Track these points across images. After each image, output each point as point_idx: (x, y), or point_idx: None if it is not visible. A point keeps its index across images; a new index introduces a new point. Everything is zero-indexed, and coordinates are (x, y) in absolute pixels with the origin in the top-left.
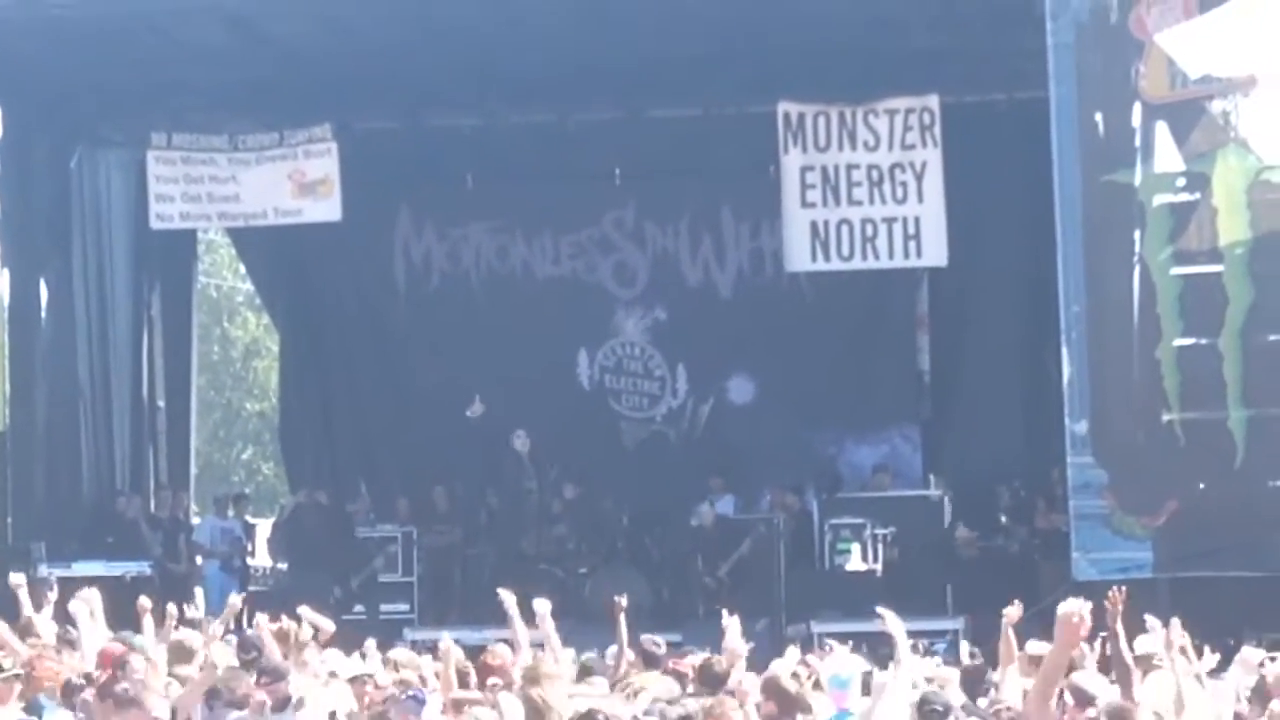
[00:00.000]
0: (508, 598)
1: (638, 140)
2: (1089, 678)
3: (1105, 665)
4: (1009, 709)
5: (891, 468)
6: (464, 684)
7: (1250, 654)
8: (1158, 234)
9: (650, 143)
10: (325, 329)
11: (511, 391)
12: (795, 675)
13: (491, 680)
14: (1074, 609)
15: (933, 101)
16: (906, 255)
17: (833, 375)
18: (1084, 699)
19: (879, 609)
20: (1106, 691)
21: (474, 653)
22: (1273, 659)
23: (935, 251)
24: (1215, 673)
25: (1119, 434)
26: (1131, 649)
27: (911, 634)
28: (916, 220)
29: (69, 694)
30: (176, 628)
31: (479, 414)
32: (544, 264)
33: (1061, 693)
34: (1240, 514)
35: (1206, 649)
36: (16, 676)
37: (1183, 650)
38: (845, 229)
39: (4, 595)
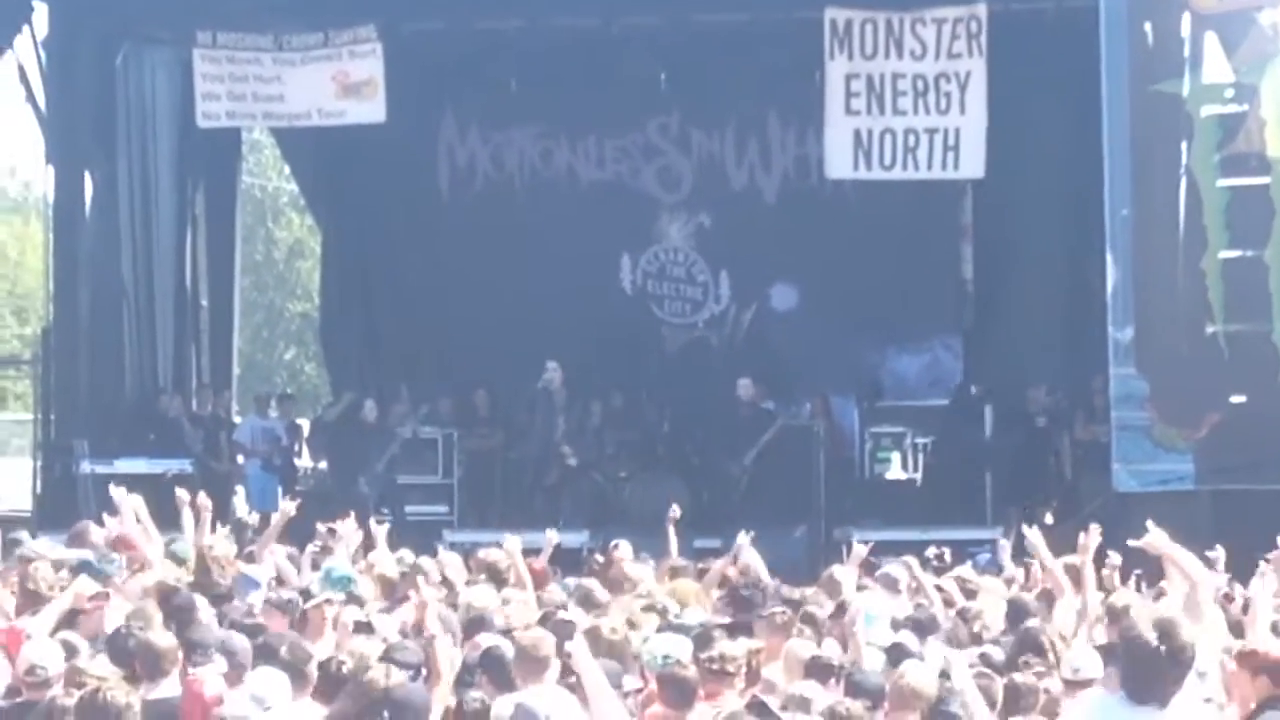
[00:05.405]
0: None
1: (683, 45)
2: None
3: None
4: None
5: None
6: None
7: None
8: (1205, 145)
9: (696, 48)
10: (368, 231)
11: (554, 297)
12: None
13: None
14: None
15: (980, 10)
16: (944, 167)
17: (876, 284)
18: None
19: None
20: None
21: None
22: None
23: (973, 164)
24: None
25: (1162, 345)
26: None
27: (951, 543)
28: (957, 131)
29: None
30: (212, 527)
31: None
32: (588, 168)
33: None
34: None
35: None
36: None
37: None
38: (889, 138)
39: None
